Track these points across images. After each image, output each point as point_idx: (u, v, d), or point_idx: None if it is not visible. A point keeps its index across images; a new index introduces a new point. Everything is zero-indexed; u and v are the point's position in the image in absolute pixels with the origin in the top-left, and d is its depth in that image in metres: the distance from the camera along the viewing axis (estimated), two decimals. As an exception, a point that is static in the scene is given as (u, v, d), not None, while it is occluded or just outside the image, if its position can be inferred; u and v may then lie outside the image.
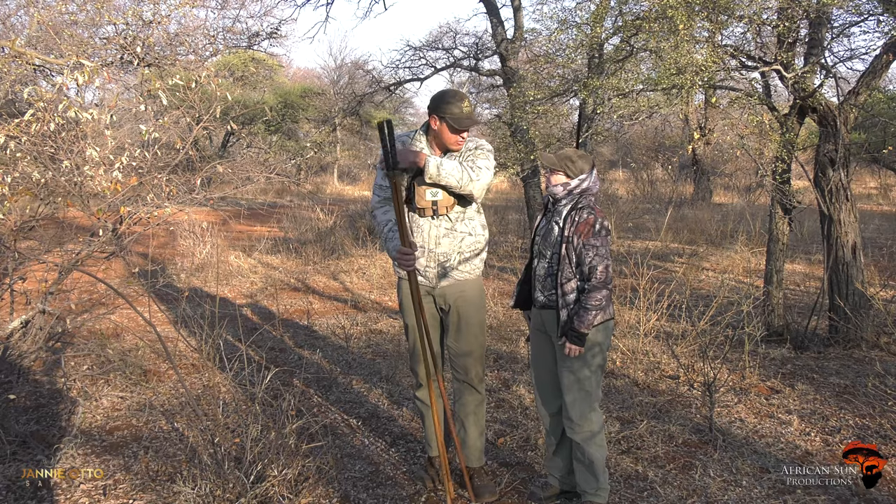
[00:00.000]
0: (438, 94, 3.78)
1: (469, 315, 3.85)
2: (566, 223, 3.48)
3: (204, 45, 11.55)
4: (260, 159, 20.67)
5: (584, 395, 3.51)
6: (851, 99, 6.30)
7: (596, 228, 3.42)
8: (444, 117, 3.64)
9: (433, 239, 3.77)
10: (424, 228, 3.77)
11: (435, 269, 3.79)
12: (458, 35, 18.61)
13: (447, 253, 3.78)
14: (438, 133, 3.71)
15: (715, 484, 4.01)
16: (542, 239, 3.59)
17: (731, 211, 15.74)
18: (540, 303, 3.62)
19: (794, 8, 6.07)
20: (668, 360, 6.05)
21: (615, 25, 8.92)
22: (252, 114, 22.29)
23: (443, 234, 3.76)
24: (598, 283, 3.39)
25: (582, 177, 3.53)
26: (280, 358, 6.31)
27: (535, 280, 3.63)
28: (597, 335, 3.48)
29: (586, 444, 3.52)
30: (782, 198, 6.75)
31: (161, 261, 10.58)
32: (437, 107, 3.66)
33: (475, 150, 3.79)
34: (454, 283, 3.82)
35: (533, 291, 3.67)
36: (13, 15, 11.72)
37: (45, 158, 5.06)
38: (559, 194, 3.54)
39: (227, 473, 3.60)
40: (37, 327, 4.95)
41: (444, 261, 3.78)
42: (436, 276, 3.80)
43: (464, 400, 3.97)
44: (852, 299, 6.39)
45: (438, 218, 3.75)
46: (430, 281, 3.81)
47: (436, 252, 3.77)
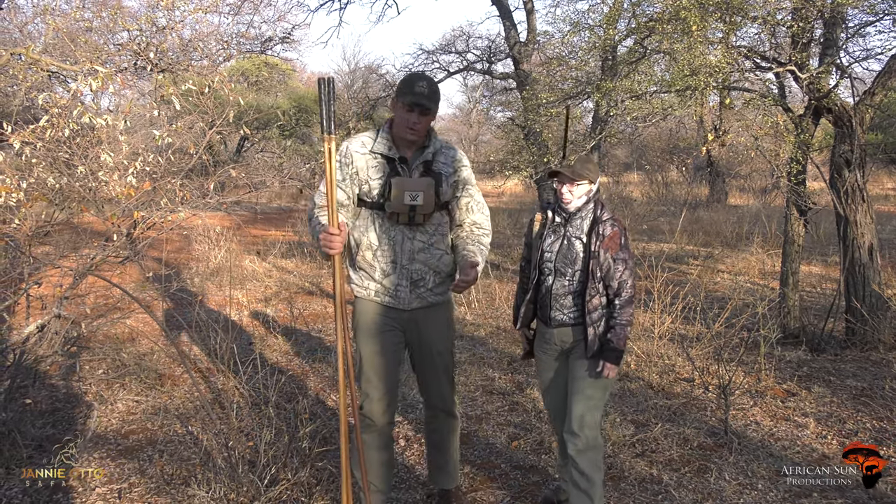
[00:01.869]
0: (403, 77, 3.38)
1: (445, 341, 3.52)
2: (592, 238, 3.29)
3: (217, 51, 11.62)
4: (274, 164, 20.73)
5: (592, 409, 3.34)
6: (867, 99, 6.25)
7: (622, 242, 3.29)
8: (399, 98, 3.21)
9: (406, 253, 3.33)
10: (397, 240, 3.31)
11: (407, 288, 3.36)
12: (470, 38, 18.58)
13: (422, 271, 3.37)
14: (396, 118, 3.26)
15: (730, 487, 3.98)
16: (561, 256, 3.35)
17: (747, 212, 15.66)
18: (558, 322, 3.39)
19: (808, 8, 6.03)
20: (683, 362, 6.02)
21: (628, 27, 8.89)
22: (266, 118, 22.37)
23: (418, 249, 3.34)
24: (630, 298, 3.27)
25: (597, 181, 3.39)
26: (294, 361, 6.32)
27: (551, 299, 3.39)
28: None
29: (583, 456, 3.30)
30: (798, 199, 6.70)
31: (175, 265, 10.63)
32: (397, 89, 3.23)
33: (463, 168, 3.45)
34: (428, 308, 3.44)
35: (545, 311, 3.43)
36: (30, 23, 11.83)
37: (61, 164, 5.11)
38: (580, 205, 3.33)
39: (241, 477, 3.61)
40: (52, 332, 4.99)
41: (417, 279, 3.37)
42: (408, 298, 3.38)
43: (443, 426, 3.67)
44: (869, 301, 6.34)
45: (413, 229, 3.32)
46: (400, 302, 3.38)
47: (409, 269, 3.34)
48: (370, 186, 3.29)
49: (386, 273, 3.35)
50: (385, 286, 3.36)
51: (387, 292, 3.37)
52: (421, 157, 3.33)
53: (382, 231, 3.31)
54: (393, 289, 3.36)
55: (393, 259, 3.33)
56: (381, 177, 3.28)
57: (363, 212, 3.35)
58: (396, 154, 3.30)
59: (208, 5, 9.13)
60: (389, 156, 3.30)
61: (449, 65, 17.84)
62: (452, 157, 3.43)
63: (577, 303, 3.33)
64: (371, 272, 3.36)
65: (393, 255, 3.33)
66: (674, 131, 22.35)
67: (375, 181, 3.29)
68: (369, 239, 3.33)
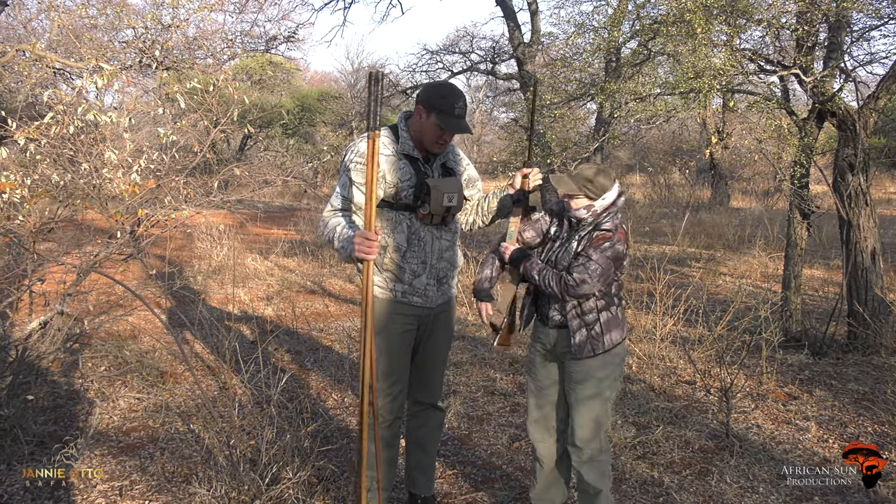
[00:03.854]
0: (434, 85, 3.40)
1: (449, 334, 3.57)
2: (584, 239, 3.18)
3: (222, 49, 11.63)
4: (277, 162, 20.75)
5: (591, 420, 3.24)
6: (871, 103, 6.24)
7: (604, 245, 3.09)
8: (433, 113, 3.14)
9: (436, 252, 3.34)
10: (426, 241, 3.30)
11: (434, 286, 3.38)
12: (475, 39, 18.62)
13: (446, 269, 3.41)
14: (422, 127, 3.21)
15: (731, 490, 3.98)
16: (562, 252, 3.25)
17: (749, 215, 15.64)
18: (555, 321, 3.29)
19: (813, 11, 6.03)
20: (685, 365, 6.02)
21: (632, 29, 8.91)
22: (269, 117, 22.41)
23: (445, 248, 3.38)
24: (568, 284, 3.07)
25: (606, 195, 3.15)
26: (296, 360, 6.32)
27: (550, 299, 3.29)
28: (612, 356, 3.22)
29: (587, 467, 3.24)
30: (801, 202, 6.70)
31: (178, 263, 10.64)
32: (430, 99, 3.17)
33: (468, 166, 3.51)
34: (447, 302, 3.49)
35: (543, 310, 3.35)
36: (34, 19, 11.86)
37: (65, 161, 5.11)
38: (583, 216, 3.19)
39: (243, 475, 3.61)
40: (55, 328, 4.99)
41: (442, 276, 3.40)
42: (435, 296, 3.39)
43: (432, 419, 3.65)
44: (871, 305, 6.33)
45: (440, 229, 3.34)
46: (429, 301, 3.38)
47: (437, 268, 3.37)
48: (399, 188, 3.23)
49: (416, 274, 3.31)
50: (415, 286, 3.32)
51: (415, 292, 3.33)
52: (439, 157, 3.36)
53: (412, 232, 3.27)
54: (423, 289, 3.33)
55: (423, 259, 3.30)
56: (409, 178, 3.24)
57: (387, 213, 3.27)
58: (420, 155, 3.30)
59: (213, 3, 9.14)
60: (414, 156, 3.28)
61: (453, 65, 17.88)
62: (457, 155, 3.49)
63: (573, 305, 3.22)
64: (399, 274, 3.29)
65: (423, 255, 3.30)
66: (677, 134, 22.38)
67: (405, 183, 3.23)
68: (397, 241, 3.27)
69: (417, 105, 3.21)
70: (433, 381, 3.58)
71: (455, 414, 5.06)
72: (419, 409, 3.65)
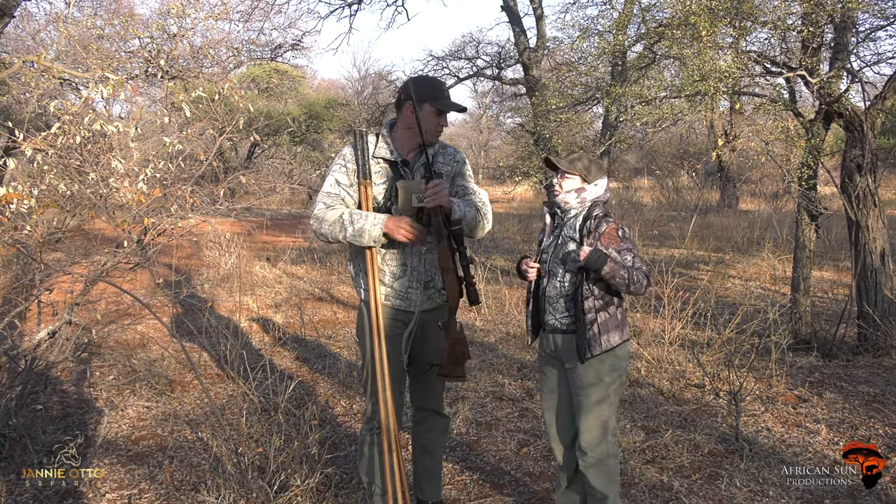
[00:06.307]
0: (414, 80, 3.32)
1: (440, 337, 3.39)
2: (582, 233, 3.19)
3: (228, 58, 11.67)
4: (284, 170, 20.80)
5: (597, 425, 3.23)
6: (878, 103, 6.22)
7: (621, 234, 3.16)
8: (426, 102, 3.17)
9: (416, 255, 3.32)
10: (405, 243, 3.23)
11: (418, 289, 3.34)
12: (480, 44, 18.64)
13: (431, 272, 3.35)
14: (416, 122, 3.11)
15: (741, 494, 3.96)
16: (554, 256, 3.27)
17: (758, 218, 15.60)
18: (551, 327, 3.29)
19: (818, 13, 6.01)
20: (694, 368, 5.99)
21: (638, 33, 8.90)
22: (276, 125, 22.43)
23: (426, 250, 3.32)
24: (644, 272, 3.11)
25: (597, 183, 3.27)
26: (303, 368, 6.33)
27: (545, 303, 3.29)
28: (615, 359, 3.21)
29: (593, 471, 3.24)
30: (809, 204, 6.68)
31: (186, 271, 10.67)
32: (418, 92, 3.15)
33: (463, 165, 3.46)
34: (436, 309, 3.38)
35: (541, 315, 3.34)
36: (42, 30, 11.93)
37: (72, 171, 5.13)
38: (570, 202, 3.25)
39: (251, 483, 3.61)
40: (63, 338, 5.00)
41: (428, 280, 3.35)
42: (419, 299, 3.34)
43: (436, 425, 3.63)
44: (881, 306, 6.30)
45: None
46: (411, 304, 3.34)
47: (419, 271, 3.33)
48: (375, 191, 3.29)
49: (396, 276, 3.33)
50: (395, 289, 3.33)
51: (397, 295, 3.34)
52: (421, 159, 3.32)
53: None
54: (404, 291, 3.33)
55: (403, 262, 3.31)
56: (385, 181, 3.30)
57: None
58: (399, 157, 3.32)
59: (219, 13, 9.18)
60: (392, 160, 3.31)
61: (459, 71, 17.90)
62: (451, 155, 3.47)
63: (569, 307, 3.22)
64: (381, 276, 3.32)
65: (402, 257, 3.31)
66: (684, 136, 22.32)
67: (380, 185, 3.30)
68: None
69: (405, 104, 3.24)
70: (432, 387, 3.56)
71: (463, 419, 5.05)
72: (423, 415, 3.65)
